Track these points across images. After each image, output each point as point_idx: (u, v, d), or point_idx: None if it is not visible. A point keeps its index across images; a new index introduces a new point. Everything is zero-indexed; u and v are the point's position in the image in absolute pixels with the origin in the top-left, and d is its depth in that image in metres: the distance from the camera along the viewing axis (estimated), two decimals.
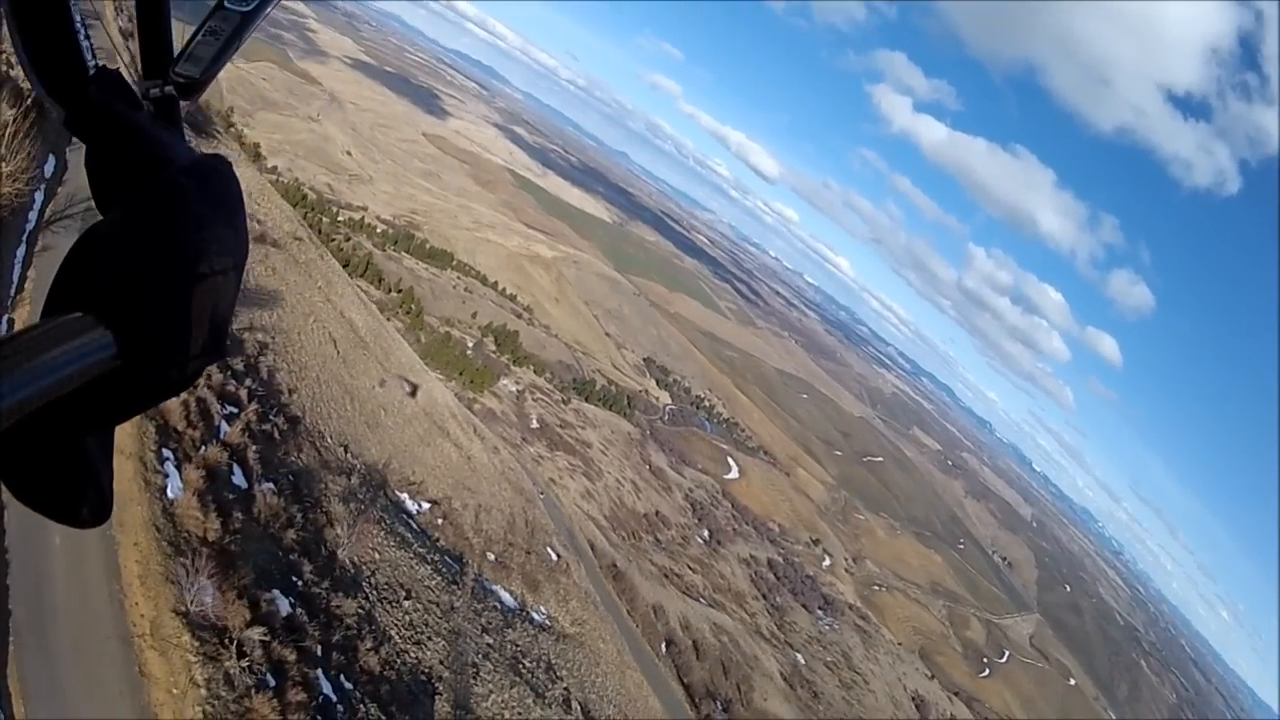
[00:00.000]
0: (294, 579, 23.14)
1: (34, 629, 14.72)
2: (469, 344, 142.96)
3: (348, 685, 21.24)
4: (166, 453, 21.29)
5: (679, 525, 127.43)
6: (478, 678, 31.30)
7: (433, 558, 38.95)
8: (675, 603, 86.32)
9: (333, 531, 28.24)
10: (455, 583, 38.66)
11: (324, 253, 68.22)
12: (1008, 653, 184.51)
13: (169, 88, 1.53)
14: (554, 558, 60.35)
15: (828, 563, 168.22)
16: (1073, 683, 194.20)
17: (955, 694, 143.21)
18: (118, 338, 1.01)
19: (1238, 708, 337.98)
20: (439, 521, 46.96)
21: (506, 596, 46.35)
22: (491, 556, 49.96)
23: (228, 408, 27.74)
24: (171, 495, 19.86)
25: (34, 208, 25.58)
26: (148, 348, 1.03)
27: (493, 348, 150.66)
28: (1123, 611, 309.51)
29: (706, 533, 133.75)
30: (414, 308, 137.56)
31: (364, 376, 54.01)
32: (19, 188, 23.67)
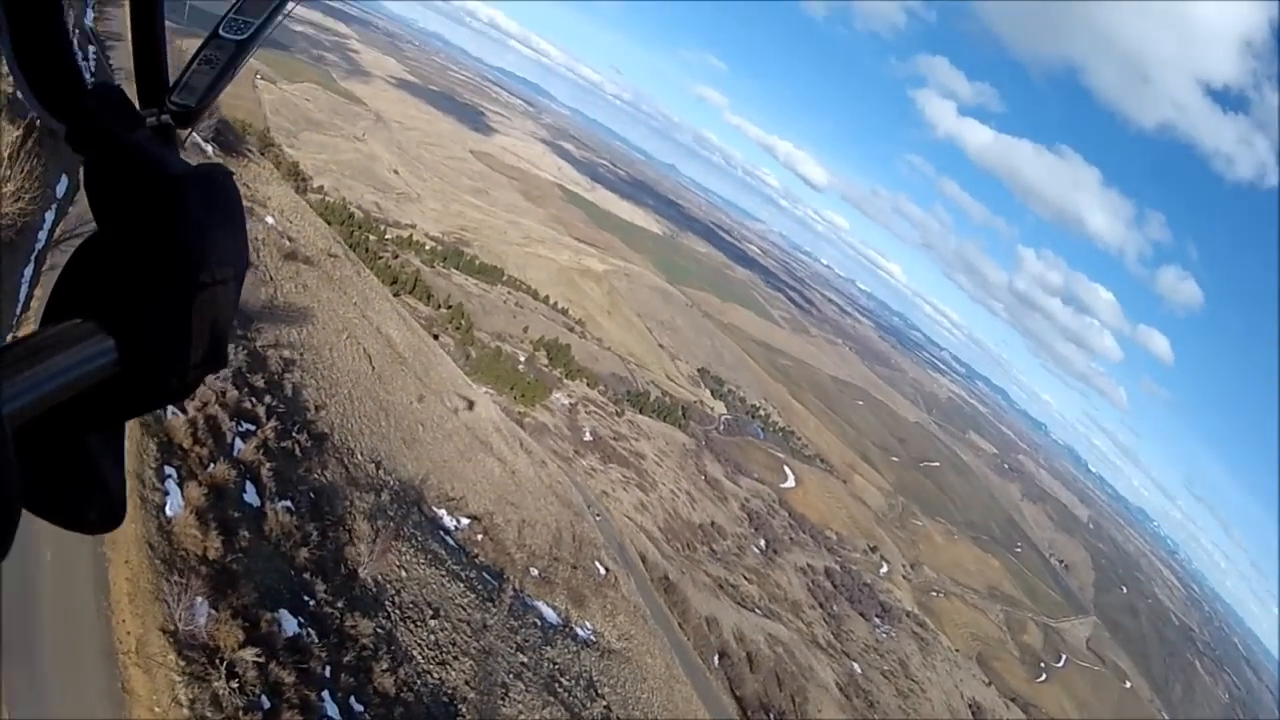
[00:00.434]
0: (305, 598, 22.73)
1: (19, 643, 14.53)
2: (520, 358, 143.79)
3: (357, 707, 20.71)
4: (169, 470, 21.06)
5: (735, 535, 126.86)
6: (507, 698, 30.58)
7: (468, 575, 38.48)
8: (729, 614, 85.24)
9: (354, 550, 27.87)
10: (491, 600, 38.12)
11: (361, 269, 68.71)
12: (1064, 657, 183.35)
13: (165, 116, 1.54)
14: (602, 572, 59.62)
15: (885, 570, 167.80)
16: (1128, 685, 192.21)
17: (1012, 700, 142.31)
18: (118, 345, 1.02)
19: None
20: (479, 537, 46.60)
21: (549, 613, 45.74)
22: (535, 572, 49.43)
23: (244, 425, 27.60)
24: (170, 513, 19.57)
25: (44, 227, 25.76)
26: (148, 356, 1.04)
27: (545, 362, 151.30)
28: (1178, 611, 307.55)
29: (763, 542, 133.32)
30: (464, 323, 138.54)
31: (401, 392, 54.01)
32: (22, 207, 23.79)
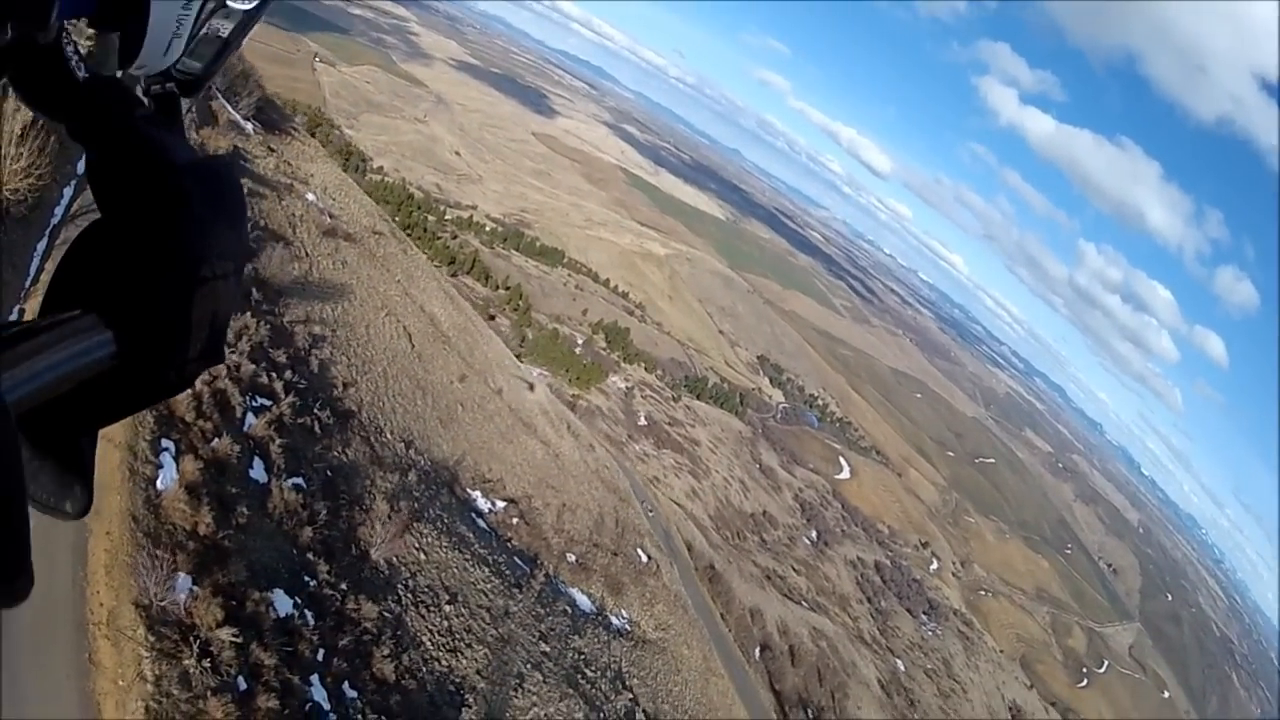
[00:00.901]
0: (306, 579, 22.47)
1: None
2: (578, 341, 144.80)
3: (350, 693, 20.37)
4: (167, 443, 20.89)
5: (786, 525, 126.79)
6: (521, 689, 30.10)
7: (496, 559, 38.15)
8: (774, 606, 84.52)
9: (369, 531, 27.62)
10: (519, 586, 37.74)
11: (408, 247, 68.92)
12: (1107, 662, 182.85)
13: (170, 85, 1.52)
14: (644, 559, 59.10)
15: (935, 566, 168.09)
16: (1167, 695, 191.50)
17: (1052, 704, 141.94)
18: (117, 338, 1.03)
19: None
20: (514, 521, 46.33)
21: (583, 600, 45.32)
22: (572, 558, 49.05)
23: (259, 400, 27.50)
24: (161, 486, 19.37)
25: (61, 202, 25.94)
26: (147, 350, 1.05)
27: (603, 345, 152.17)
28: (1219, 622, 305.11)
29: (814, 534, 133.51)
30: (522, 304, 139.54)
31: (441, 371, 53.99)
32: (32, 183, 23.85)
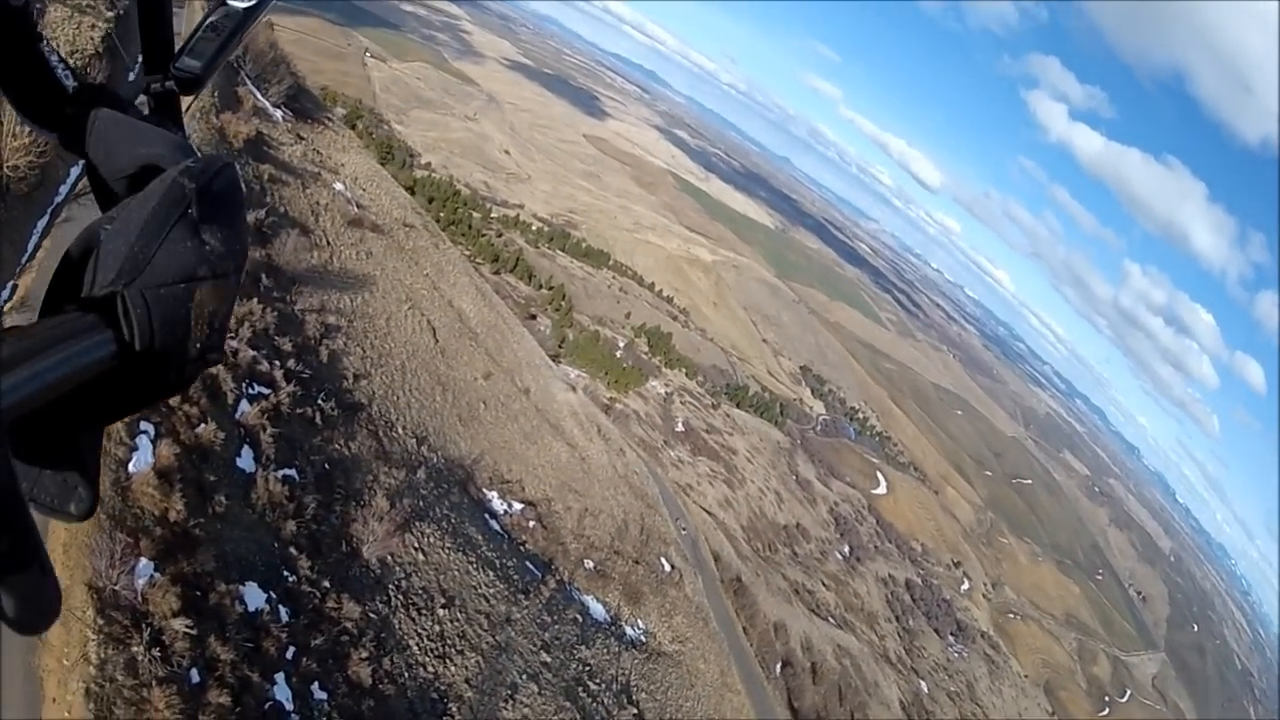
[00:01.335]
0: (285, 574, 22.02)
1: None
2: (620, 344, 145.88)
3: (320, 695, 19.81)
4: (146, 426, 20.53)
5: (819, 539, 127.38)
6: (512, 700, 29.29)
7: (505, 563, 37.54)
8: (800, 621, 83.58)
9: (364, 528, 27.13)
10: (526, 592, 37.08)
11: (440, 241, 68.77)
12: (1129, 692, 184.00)
13: (170, 83, 1.57)
14: (667, 568, 58.23)
15: (966, 586, 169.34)
16: None
17: None
18: (116, 339, 1.05)
19: None
20: (530, 524, 45.70)
21: (598, 608, 44.56)
22: (590, 564, 48.33)
23: (256, 387, 27.17)
24: (133, 469, 19.02)
25: (67, 180, 25.95)
26: (146, 350, 1.06)
27: (645, 349, 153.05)
28: (1242, 655, 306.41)
29: (847, 548, 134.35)
30: (564, 305, 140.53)
31: (465, 368, 53.66)
32: (32, 160, 23.76)
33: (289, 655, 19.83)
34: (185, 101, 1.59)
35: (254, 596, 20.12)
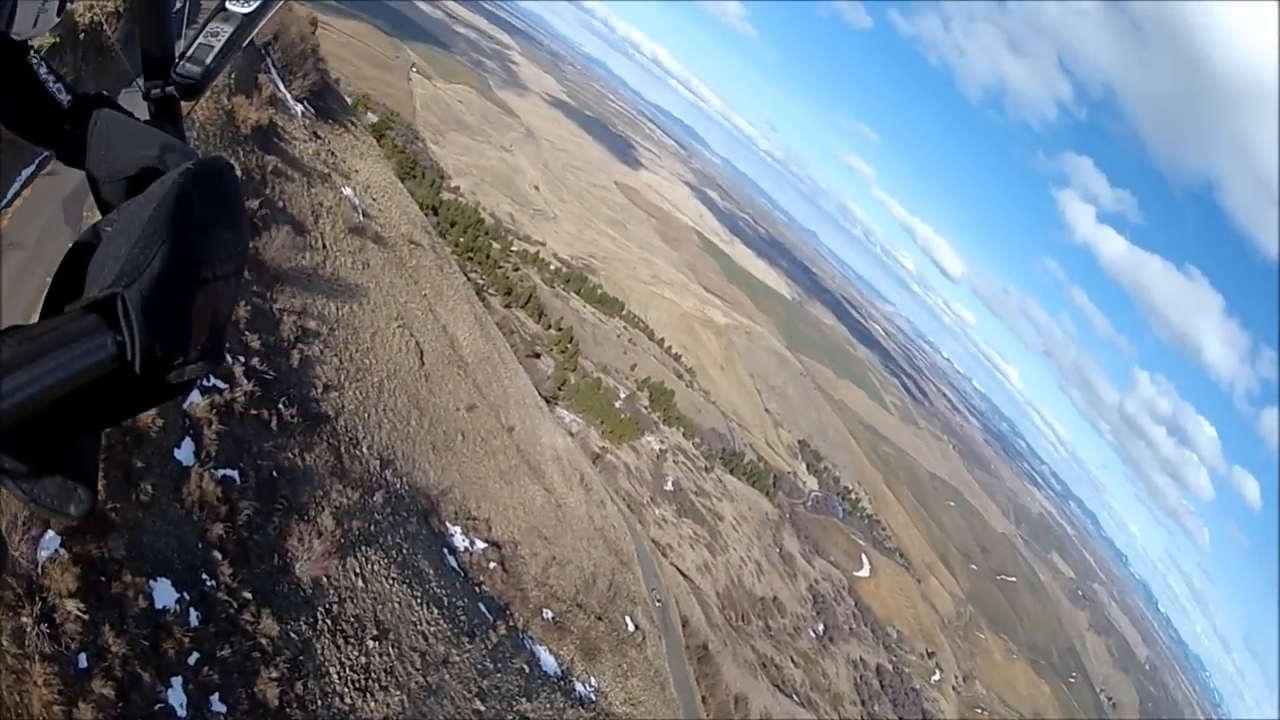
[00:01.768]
0: (204, 577, 21.50)
1: None
2: (621, 394, 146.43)
3: (219, 706, 19.20)
4: None
5: (794, 615, 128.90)
6: None
7: (454, 601, 36.78)
8: (763, 696, 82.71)
9: (301, 545, 26.61)
10: (471, 634, 36.28)
11: (446, 265, 68.85)
12: None
13: (170, 88, 1.61)
14: (630, 628, 57.29)
15: (937, 677, 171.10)
16: None
17: None
18: (116, 341, 1.07)
19: None
20: (490, 565, 44.95)
21: (549, 660, 43.61)
22: (549, 614, 47.44)
23: (212, 379, 26.90)
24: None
25: None
26: (147, 352, 1.08)
27: (646, 403, 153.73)
28: None
29: (821, 627, 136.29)
30: (570, 348, 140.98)
31: (449, 396, 53.32)
32: None
33: (190, 661, 19.21)
34: (185, 106, 1.62)
35: (164, 594, 19.56)
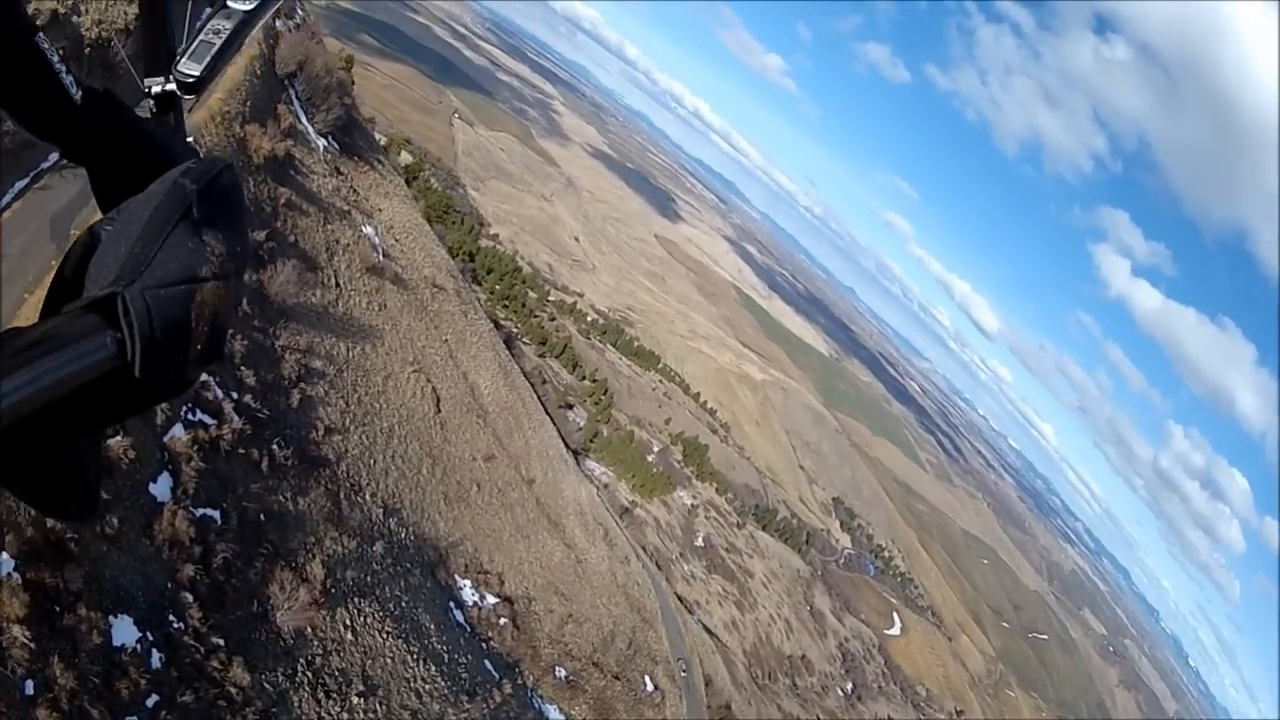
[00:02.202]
0: (170, 618, 20.87)
1: None
2: (654, 448, 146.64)
3: None
4: None
5: (823, 673, 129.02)
6: None
7: (455, 658, 35.83)
8: None
9: (284, 592, 25.88)
10: (471, 694, 35.20)
11: (471, 311, 68.80)
12: None
13: (170, 85, 1.65)
14: (649, 687, 56.11)
15: None
16: None
17: None
18: (116, 340, 1.10)
19: None
20: (500, 621, 44.05)
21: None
22: (562, 673, 46.41)
23: (199, 414, 26.54)
24: None
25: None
26: (147, 351, 1.11)
27: (679, 457, 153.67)
28: None
29: (850, 685, 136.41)
30: (604, 400, 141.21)
31: (466, 445, 52.81)
32: None
33: (148, 703, 18.50)
34: (187, 103, 1.65)
35: (124, 631, 19.02)
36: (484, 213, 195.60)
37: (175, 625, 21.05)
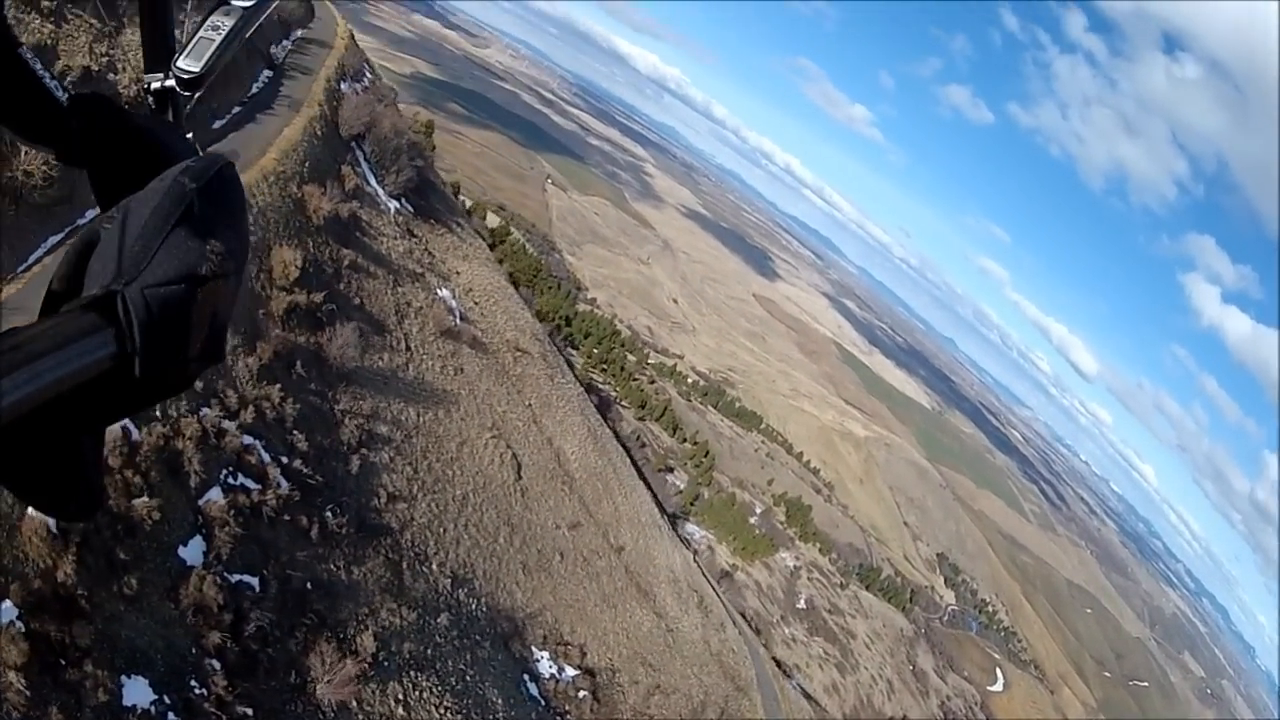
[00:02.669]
0: (191, 683, 20.22)
1: None
2: (756, 510, 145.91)
3: None
4: None
5: None
6: None
7: None
8: None
9: (326, 663, 25.03)
10: None
11: (558, 374, 68.24)
12: None
13: (170, 81, 1.67)
14: None
15: None
16: None
17: None
18: (116, 338, 1.11)
19: None
20: (579, 694, 42.50)
21: None
22: None
23: (240, 478, 26.18)
24: (36, 515, 18.06)
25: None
26: (148, 349, 1.12)
27: (782, 518, 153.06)
28: None
29: None
30: (705, 462, 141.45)
31: (549, 514, 51.87)
32: (49, 171, 24.14)
33: None
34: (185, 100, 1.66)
35: (137, 692, 18.47)
36: (581, 277, 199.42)
37: (197, 691, 20.39)
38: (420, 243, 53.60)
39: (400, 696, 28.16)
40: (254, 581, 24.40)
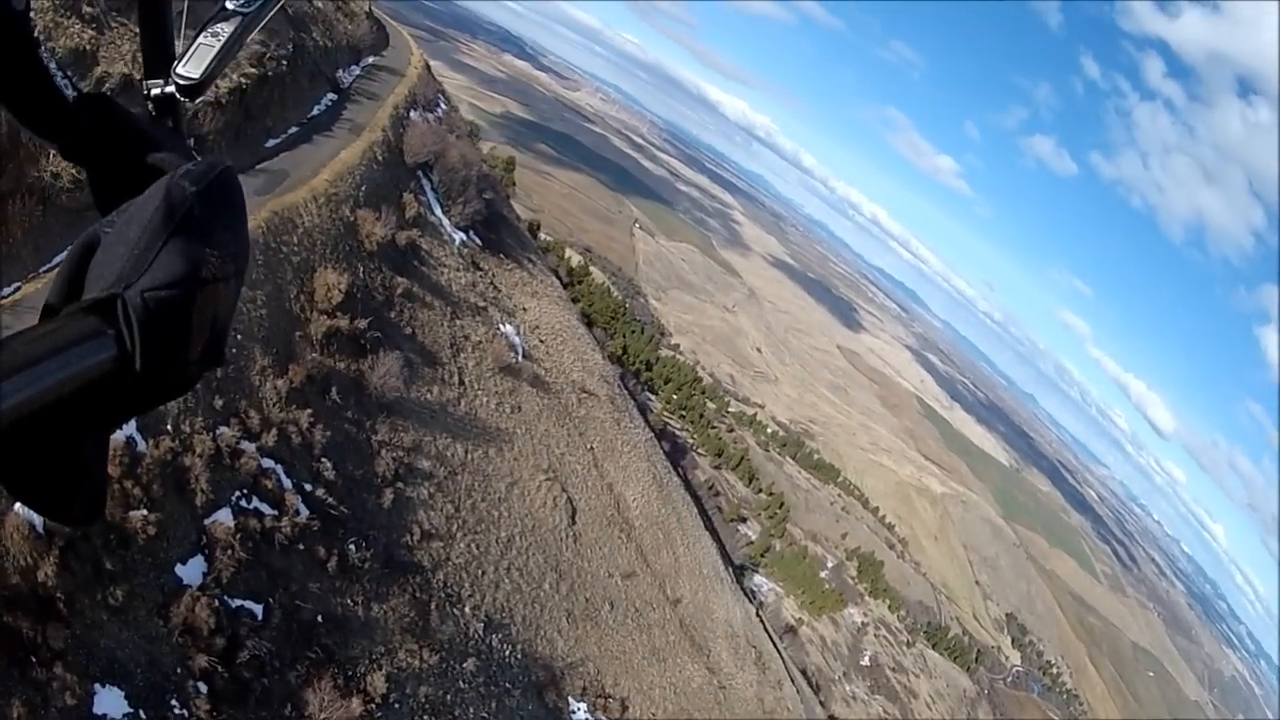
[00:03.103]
0: (172, 702, 19.59)
1: None
2: (828, 564, 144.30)
3: None
4: None
5: None
6: None
7: None
8: None
9: (325, 700, 24.10)
10: None
11: (626, 419, 67.14)
12: None
13: (169, 87, 1.68)
14: None
15: None
16: None
17: None
18: (118, 341, 1.12)
19: None
20: None
21: None
22: None
23: (254, 502, 25.67)
24: (21, 513, 17.77)
25: None
26: (148, 352, 1.14)
27: (853, 573, 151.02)
28: None
29: None
30: (779, 513, 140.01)
31: (602, 562, 50.66)
32: (77, 174, 24.35)
33: None
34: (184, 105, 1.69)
35: (109, 702, 18.32)
36: (665, 322, 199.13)
37: (177, 711, 19.87)
38: (486, 276, 53.14)
39: None
40: (257, 609, 23.77)
